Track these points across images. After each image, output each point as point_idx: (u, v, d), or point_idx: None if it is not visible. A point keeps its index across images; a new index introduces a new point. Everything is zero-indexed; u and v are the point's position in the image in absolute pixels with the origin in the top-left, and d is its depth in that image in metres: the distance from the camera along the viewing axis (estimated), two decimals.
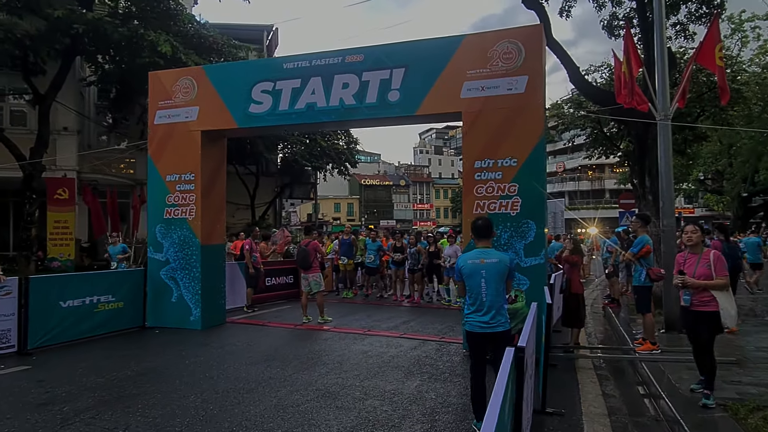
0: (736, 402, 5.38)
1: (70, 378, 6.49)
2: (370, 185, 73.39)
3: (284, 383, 6.33)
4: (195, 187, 9.77)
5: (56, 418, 5.10)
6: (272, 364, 7.24)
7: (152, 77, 10.26)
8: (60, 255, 17.55)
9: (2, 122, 18.41)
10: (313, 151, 23.32)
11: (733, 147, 28.65)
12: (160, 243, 9.94)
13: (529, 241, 7.65)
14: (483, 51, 8.02)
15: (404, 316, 11.54)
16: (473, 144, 8.07)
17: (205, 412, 5.34)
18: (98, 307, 8.89)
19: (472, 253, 5.04)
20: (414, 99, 8.40)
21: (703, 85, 17.65)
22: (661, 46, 9.19)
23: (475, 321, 4.90)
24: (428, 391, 6.09)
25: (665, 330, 8.83)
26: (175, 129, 9.89)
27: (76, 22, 14.12)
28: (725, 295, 5.46)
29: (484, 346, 4.99)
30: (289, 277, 14.28)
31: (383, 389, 6.12)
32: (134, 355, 7.81)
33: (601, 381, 6.80)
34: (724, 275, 5.47)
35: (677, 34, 13.90)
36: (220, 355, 7.83)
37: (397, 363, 7.35)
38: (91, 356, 7.69)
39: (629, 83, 9.17)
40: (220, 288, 10.28)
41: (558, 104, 26.42)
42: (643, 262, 7.74)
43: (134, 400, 5.68)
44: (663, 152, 9.02)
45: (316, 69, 8.98)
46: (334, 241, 15.30)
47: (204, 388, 6.15)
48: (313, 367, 7.06)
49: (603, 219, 39.34)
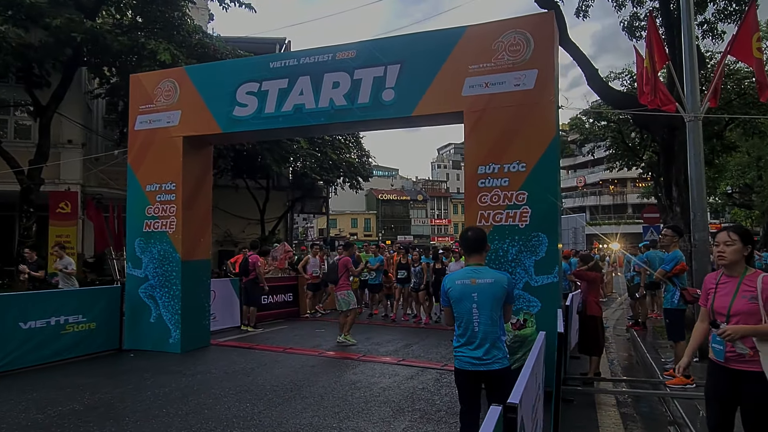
0: None
1: (6, 414, 5.61)
2: (387, 200, 72.78)
3: (249, 424, 5.35)
4: (176, 197, 9.02)
5: None
6: (243, 397, 6.29)
7: (133, 80, 9.66)
8: None
9: (7, 135, 18.10)
10: (324, 164, 22.64)
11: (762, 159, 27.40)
12: (138, 258, 9.18)
13: (541, 257, 6.62)
14: (487, 43, 7.11)
15: (407, 338, 10.60)
16: (476, 147, 7.13)
17: None
18: (66, 329, 8.08)
19: (461, 272, 4.04)
20: (410, 98, 7.54)
21: (731, 92, 16.46)
22: (690, 38, 8.16)
23: (466, 356, 3.91)
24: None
25: (699, 359, 7.68)
26: (156, 135, 9.20)
27: (75, 31, 13.68)
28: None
29: (477, 388, 3.99)
30: (288, 294, 13.45)
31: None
32: (93, 384, 6.91)
33: (625, 421, 5.76)
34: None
35: (704, 34, 12.82)
36: (189, 384, 6.91)
37: (387, 397, 6.36)
38: (45, 385, 6.82)
39: (652, 79, 8.16)
40: (204, 307, 9.48)
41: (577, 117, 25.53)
42: (677, 282, 6.67)
43: None
44: (693, 156, 7.93)
45: (304, 67, 8.21)
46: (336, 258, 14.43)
47: (154, 429, 5.21)
48: (289, 402, 6.09)
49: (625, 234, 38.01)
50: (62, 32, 13.56)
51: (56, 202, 17.11)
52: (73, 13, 14.36)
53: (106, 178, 19.26)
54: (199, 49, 16.42)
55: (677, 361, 6.72)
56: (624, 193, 63.37)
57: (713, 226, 54.57)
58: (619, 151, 23.39)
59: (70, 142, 18.28)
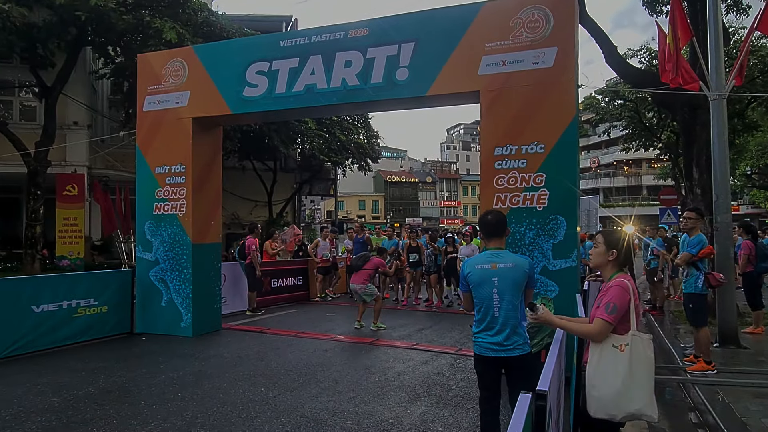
0: None
1: (23, 397, 5.71)
2: (395, 182, 72.80)
3: (264, 408, 5.41)
4: (186, 180, 9.05)
5: None
6: (257, 381, 6.36)
7: (141, 59, 9.63)
8: (69, 253, 17.18)
9: (13, 117, 18.19)
10: (332, 145, 22.58)
11: None
12: (149, 241, 9.25)
13: (559, 241, 6.62)
14: (505, 20, 7.01)
15: (420, 322, 10.66)
16: (493, 128, 7.07)
17: None
18: (77, 312, 8.18)
19: (481, 256, 4.03)
20: (425, 77, 7.48)
21: (755, 69, 16.21)
22: (715, 13, 8.05)
23: (486, 342, 3.90)
24: (434, 420, 5.11)
25: (720, 344, 7.70)
26: (165, 116, 9.18)
27: (79, 9, 13.64)
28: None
29: (497, 374, 3.99)
30: (298, 278, 13.53)
31: (380, 417, 5.16)
32: (107, 367, 7.00)
33: None
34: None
35: (728, 9, 12.58)
36: (203, 369, 7.00)
37: (403, 382, 6.40)
38: (59, 369, 6.92)
39: (675, 57, 8.03)
40: (215, 291, 9.56)
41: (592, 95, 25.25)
42: (701, 266, 6.63)
43: (85, 427, 4.84)
44: (717, 136, 7.88)
45: (316, 46, 8.15)
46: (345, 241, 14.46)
47: (170, 412, 5.28)
48: (304, 387, 6.14)
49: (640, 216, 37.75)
50: (66, 11, 13.54)
51: (63, 184, 17.21)
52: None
53: (112, 160, 19.37)
54: (205, 27, 16.35)
55: (698, 346, 6.75)
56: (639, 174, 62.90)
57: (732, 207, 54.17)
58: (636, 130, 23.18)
59: (75, 124, 18.37)
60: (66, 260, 17.04)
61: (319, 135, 22.16)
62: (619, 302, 3.13)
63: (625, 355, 3.12)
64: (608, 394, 3.13)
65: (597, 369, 3.21)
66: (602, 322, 3.14)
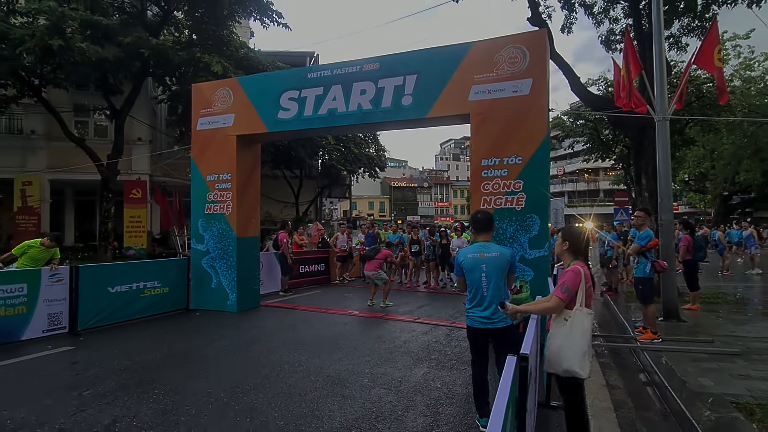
0: (749, 401, 4.28)
1: (102, 360, 5.78)
2: (398, 187, 72.42)
3: (297, 369, 5.48)
4: (231, 185, 9.05)
5: (72, 405, 4.35)
6: (291, 348, 6.41)
7: (195, 89, 9.59)
8: (135, 245, 17.35)
9: (88, 134, 18.29)
10: (348, 156, 22.59)
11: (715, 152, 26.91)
12: (201, 235, 9.26)
13: (534, 235, 6.63)
14: (490, 56, 7.02)
15: (420, 301, 10.62)
16: (480, 143, 7.07)
17: (215, 399, 4.53)
18: (144, 293, 8.22)
19: (472, 247, 4.08)
20: (425, 103, 7.48)
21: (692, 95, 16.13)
22: (660, 48, 8.00)
23: (476, 316, 3.95)
24: (434, 379, 5.16)
25: (664, 318, 7.69)
26: (215, 134, 9.18)
27: (143, 47, 13.72)
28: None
29: (486, 342, 4.04)
30: (320, 265, 13.52)
31: (391, 377, 5.22)
32: (169, 337, 7.07)
33: (603, 370, 5.73)
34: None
35: (670, 46, 12.51)
36: (247, 338, 7.04)
37: (408, 348, 6.44)
38: (131, 338, 6.99)
39: (627, 86, 8.05)
40: (255, 275, 9.55)
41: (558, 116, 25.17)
42: (649, 255, 6.64)
43: (153, 385, 4.91)
44: (662, 151, 7.85)
45: (336, 77, 8.14)
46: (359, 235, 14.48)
47: (222, 373, 5.36)
48: (328, 353, 6.18)
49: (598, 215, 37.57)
50: (132, 48, 13.62)
51: (129, 189, 17.38)
52: (140, 32, 14.42)
53: (168, 169, 19.43)
54: (244, 61, 16.38)
55: (646, 320, 6.77)
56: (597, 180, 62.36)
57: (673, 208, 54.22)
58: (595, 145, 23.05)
59: (139, 140, 18.47)
60: (132, 250, 17.18)
61: (337, 149, 22.18)
62: (571, 284, 3.26)
63: (567, 325, 3.27)
64: (550, 354, 3.30)
65: (550, 336, 3.36)
66: (557, 300, 3.28)
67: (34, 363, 5.72)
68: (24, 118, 17.40)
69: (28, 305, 6.65)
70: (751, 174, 26.51)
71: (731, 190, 29.04)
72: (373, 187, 62.46)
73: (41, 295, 6.79)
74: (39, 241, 7.15)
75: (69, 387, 4.83)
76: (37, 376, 5.22)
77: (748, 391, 4.59)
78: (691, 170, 30.41)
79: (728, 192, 29.20)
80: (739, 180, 27.23)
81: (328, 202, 32.38)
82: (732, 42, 22.44)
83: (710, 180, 29.84)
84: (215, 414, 4.18)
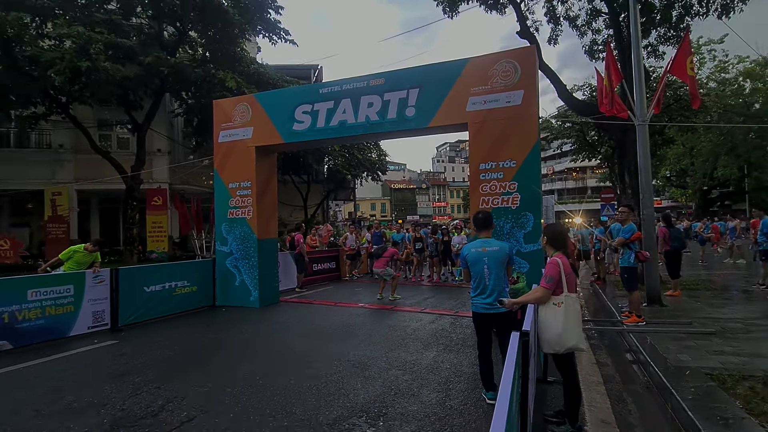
0: (721, 373, 4.61)
1: (146, 351, 6.11)
2: (398, 189, 72.64)
3: (321, 355, 5.80)
4: (251, 192, 9.35)
5: (128, 388, 4.68)
6: (312, 337, 6.74)
7: (216, 105, 9.88)
8: (157, 248, 17.63)
9: (111, 147, 18.58)
10: (352, 162, 22.90)
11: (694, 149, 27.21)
12: (225, 238, 9.57)
13: (528, 231, 6.95)
14: (485, 70, 7.35)
15: (425, 293, 10.92)
16: (478, 149, 7.39)
17: (253, 380, 4.86)
18: (176, 291, 8.53)
19: (475, 243, 4.39)
20: (427, 114, 7.79)
21: (670, 98, 16.44)
22: (638, 59, 8.32)
23: (480, 303, 4.25)
24: (443, 361, 5.48)
25: (647, 304, 8.00)
26: (235, 145, 9.48)
27: (163, 66, 14.01)
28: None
29: (489, 325, 4.34)
30: (331, 263, 13.83)
31: (405, 360, 5.54)
32: (200, 330, 7.40)
33: (594, 350, 6.09)
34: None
35: (648, 54, 12.83)
36: (272, 330, 7.36)
37: (417, 335, 6.76)
38: (167, 332, 7.30)
39: (610, 94, 8.35)
40: (274, 274, 9.83)
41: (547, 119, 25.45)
42: (633, 246, 6.95)
43: (194, 371, 5.23)
44: (642, 152, 8.17)
45: (346, 92, 8.45)
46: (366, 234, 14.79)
47: (255, 359, 5.67)
48: (347, 340, 6.51)
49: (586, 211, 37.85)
50: (153, 67, 13.87)
51: (151, 197, 17.66)
52: (158, 52, 14.68)
53: (186, 178, 19.72)
54: (255, 76, 16.66)
55: (632, 305, 7.07)
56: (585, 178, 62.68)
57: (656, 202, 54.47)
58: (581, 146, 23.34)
59: (159, 151, 18.75)
60: (154, 253, 17.47)
61: (342, 155, 22.48)
62: (553, 274, 3.60)
63: (561, 310, 3.60)
64: (552, 337, 3.61)
65: (544, 320, 3.68)
66: (542, 289, 3.64)
67: (85, 355, 6.04)
68: (52, 133, 17.72)
69: (75, 304, 6.97)
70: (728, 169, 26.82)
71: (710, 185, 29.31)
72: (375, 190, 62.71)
73: (86, 295, 7.11)
74: (83, 246, 7.46)
75: (121, 374, 5.15)
76: (91, 366, 5.54)
77: (721, 364, 4.90)
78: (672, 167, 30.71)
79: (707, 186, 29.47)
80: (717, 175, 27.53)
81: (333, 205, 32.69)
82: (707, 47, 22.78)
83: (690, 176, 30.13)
84: (254, 393, 4.50)
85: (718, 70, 23.39)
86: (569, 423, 3.68)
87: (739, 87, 23.67)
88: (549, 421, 3.82)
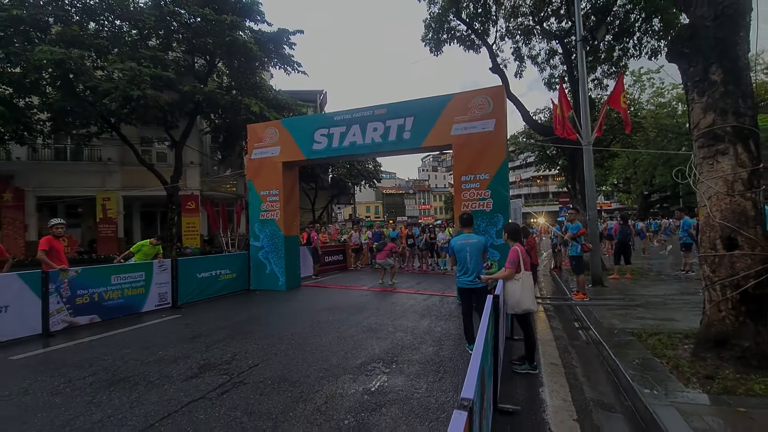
0: (640, 331, 5.44)
1: (206, 322, 6.78)
2: (389, 194, 73.27)
3: (341, 323, 6.53)
4: (279, 198, 9.96)
5: (202, 346, 5.40)
6: (331, 311, 7.43)
7: (249, 128, 10.48)
8: (190, 245, 18.16)
9: (151, 159, 19.08)
10: (352, 172, 23.60)
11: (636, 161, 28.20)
12: (258, 235, 10.17)
13: (499, 228, 7.70)
14: (465, 103, 8.11)
15: (417, 279, 11.61)
16: (460, 165, 8.13)
17: (294, 340, 5.59)
18: (220, 277, 9.15)
19: (460, 237, 5.17)
20: (420, 136, 8.51)
21: (614, 120, 17.43)
22: (584, 94, 9.17)
23: (464, 280, 5.02)
24: (436, 326, 6.24)
25: (592, 285, 8.82)
26: (265, 161, 10.10)
27: (197, 94, 14.62)
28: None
29: (470, 297, 5.09)
30: (339, 255, 14.48)
31: (406, 326, 6.29)
32: (241, 307, 8.02)
33: (549, 319, 6.86)
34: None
35: (595, 86, 13.77)
36: (300, 306, 8.03)
37: (414, 309, 7.50)
38: (217, 308, 7.95)
39: (562, 121, 9.20)
40: (297, 264, 10.42)
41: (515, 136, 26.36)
42: (579, 240, 7.77)
43: (248, 335, 5.92)
44: (587, 167, 9.01)
45: (355, 119, 9.12)
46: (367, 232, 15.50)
47: (291, 327, 6.36)
48: (359, 313, 7.23)
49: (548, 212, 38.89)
50: (188, 94, 14.48)
51: (186, 201, 18.18)
52: (192, 81, 15.28)
53: (214, 185, 20.26)
54: (274, 102, 17.30)
55: (579, 286, 7.90)
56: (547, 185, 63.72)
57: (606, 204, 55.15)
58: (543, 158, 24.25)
59: (192, 163, 19.26)
60: (189, 249, 17.98)
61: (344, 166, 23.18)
62: (514, 258, 4.46)
63: (519, 283, 4.45)
64: (513, 301, 4.43)
65: (508, 290, 4.49)
66: (509, 270, 4.48)
67: (159, 325, 6.71)
68: (102, 148, 18.20)
69: (146, 287, 7.63)
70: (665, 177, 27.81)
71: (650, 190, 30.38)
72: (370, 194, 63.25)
73: (153, 280, 7.76)
74: (148, 241, 8.12)
75: (193, 337, 5.85)
76: (167, 332, 6.22)
77: (641, 326, 5.73)
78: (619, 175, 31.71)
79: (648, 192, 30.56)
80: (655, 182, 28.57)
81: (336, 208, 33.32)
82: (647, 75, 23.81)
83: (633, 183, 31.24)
84: (298, 348, 5.25)
85: (656, 95, 24.43)
86: (528, 363, 4.50)
87: (673, 109, 24.79)
88: (514, 363, 4.63)
